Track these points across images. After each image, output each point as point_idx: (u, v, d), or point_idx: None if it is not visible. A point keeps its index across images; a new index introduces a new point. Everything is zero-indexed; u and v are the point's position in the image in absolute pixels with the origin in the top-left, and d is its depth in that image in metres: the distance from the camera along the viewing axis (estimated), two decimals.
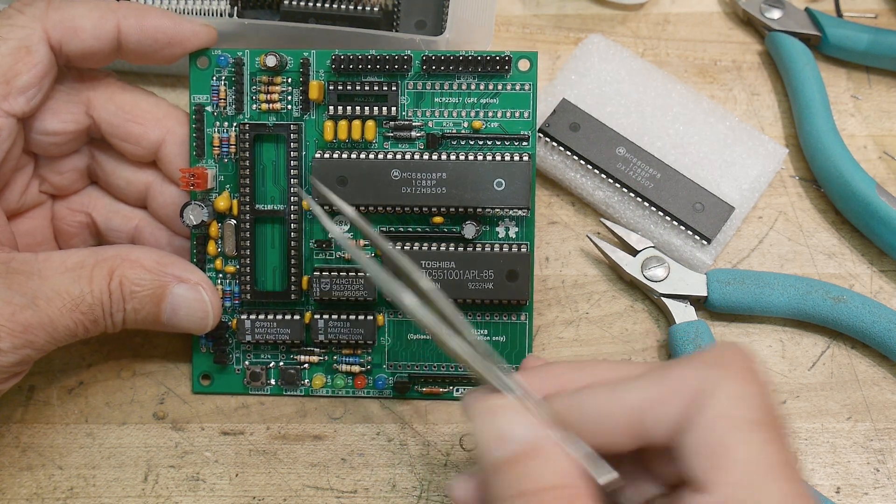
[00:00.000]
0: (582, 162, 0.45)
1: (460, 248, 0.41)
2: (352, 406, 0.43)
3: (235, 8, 0.45)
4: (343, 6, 0.44)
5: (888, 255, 0.45)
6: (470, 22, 0.45)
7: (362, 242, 0.42)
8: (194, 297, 0.39)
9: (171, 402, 0.43)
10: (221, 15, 0.45)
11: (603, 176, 0.45)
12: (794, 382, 0.43)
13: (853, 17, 0.51)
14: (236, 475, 0.42)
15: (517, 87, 0.41)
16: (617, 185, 0.45)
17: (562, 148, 0.46)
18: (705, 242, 0.44)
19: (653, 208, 0.45)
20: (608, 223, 0.45)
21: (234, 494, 0.41)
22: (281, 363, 0.43)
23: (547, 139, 0.46)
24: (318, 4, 0.44)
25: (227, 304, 0.42)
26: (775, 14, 0.50)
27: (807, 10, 0.50)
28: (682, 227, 0.45)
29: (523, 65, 0.41)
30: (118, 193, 0.43)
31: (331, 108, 0.41)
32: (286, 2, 0.44)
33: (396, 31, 0.45)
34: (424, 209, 0.40)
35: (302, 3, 0.44)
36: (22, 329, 0.35)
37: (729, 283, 0.43)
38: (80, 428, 0.43)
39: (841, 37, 0.49)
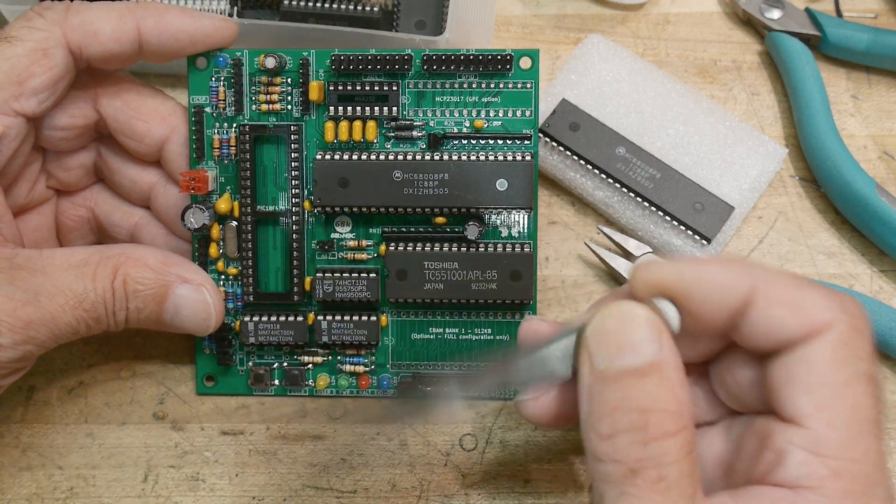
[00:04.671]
0: (582, 162, 0.45)
1: (463, 249, 0.41)
2: (352, 406, 0.43)
3: (235, 8, 0.45)
4: (343, 6, 0.44)
5: (888, 255, 0.45)
6: (470, 22, 0.45)
7: (364, 243, 0.42)
8: (197, 298, 0.39)
9: (171, 402, 0.43)
10: (221, 15, 0.45)
11: (603, 176, 0.45)
12: None
13: (853, 17, 0.51)
14: (236, 475, 0.42)
15: (519, 86, 0.41)
16: (617, 185, 0.45)
17: (562, 148, 0.46)
18: (705, 242, 0.44)
19: (653, 208, 0.45)
20: (606, 230, 0.45)
21: (233, 494, 0.41)
22: (285, 364, 0.43)
23: (547, 139, 0.46)
24: (318, 4, 0.44)
25: (231, 305, 0.42)
26: (775, 14, 0.50)
27: (807, 10, 0.50)
28: (682, 227, 0.45)
29: (525, 63, 0.41)
30: (122, 192, 0.43)
31: (331, 108, 0.41)
32: (286, 2, 0.44)
33: (396, 31, 0.45)
34: (427, 210, 0.40)
35: (302, 3, 0.44)
36: (23, 325, 0.35)
37: None
38: (80, 428, 0.43)
39: (841, 37, 0.49)
